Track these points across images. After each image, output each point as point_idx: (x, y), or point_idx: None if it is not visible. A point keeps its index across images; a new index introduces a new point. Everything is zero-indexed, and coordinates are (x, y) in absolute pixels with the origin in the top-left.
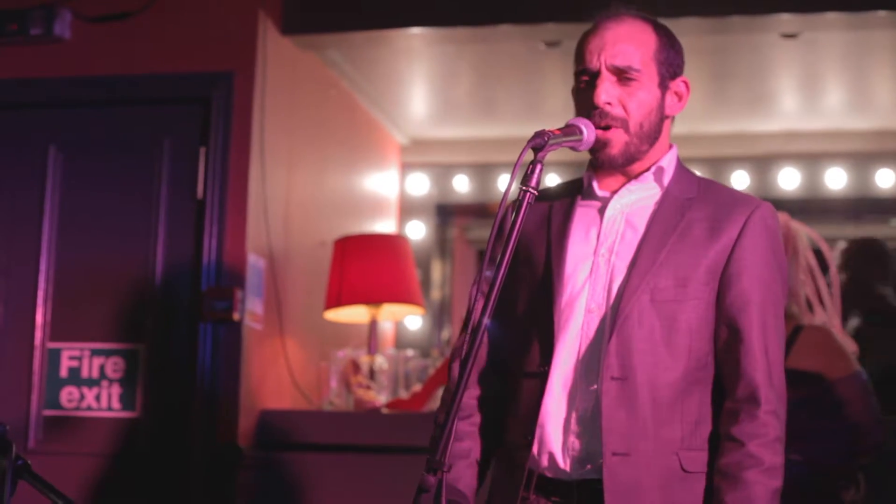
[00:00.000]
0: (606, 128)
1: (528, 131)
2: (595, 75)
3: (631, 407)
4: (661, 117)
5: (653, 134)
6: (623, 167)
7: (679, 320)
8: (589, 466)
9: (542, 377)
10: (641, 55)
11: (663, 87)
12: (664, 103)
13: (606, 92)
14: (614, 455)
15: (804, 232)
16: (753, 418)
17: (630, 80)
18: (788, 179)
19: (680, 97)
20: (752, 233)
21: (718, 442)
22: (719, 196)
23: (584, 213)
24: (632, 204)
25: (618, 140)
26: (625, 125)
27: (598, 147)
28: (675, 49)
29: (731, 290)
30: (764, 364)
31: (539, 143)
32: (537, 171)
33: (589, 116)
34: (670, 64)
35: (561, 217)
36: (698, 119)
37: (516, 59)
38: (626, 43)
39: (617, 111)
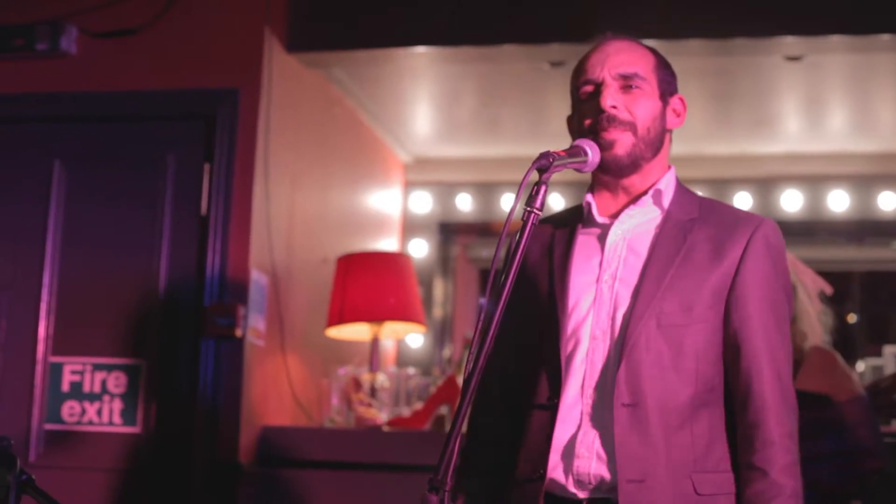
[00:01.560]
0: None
1: (532, 151)
2: (599, 84)
3: (643, 433)
4: (663, 128)
5: (657, 142)
6: (628, 172)
7: (686, 344)
8: (604, 494)
9: (552, 409)
10: (643, 66)
11: (664, 100)
12: (665, 115)
13: (612, 97)
14: (629, 482)
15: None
16: (771, 444)
17: (634, 87)
18: (791, 201)
19: (678, 114)
20: (756, 252)
21: (732, 464)
22: (721, 215)
23: (585, 242)
24: (633, 229)
25: (625, 141)
26: (632, 128)
27: (603, 147)
28: (670, 70)
29: (737, 313)
30: (776, 386)
31: (544, 164)
32: (542, 192)
33: (595, 122)
34: (668, 81)
35: (563, 247)
36: (701, 140)
37: (520, 78)
38: (629, 54)
39: (623, 115)
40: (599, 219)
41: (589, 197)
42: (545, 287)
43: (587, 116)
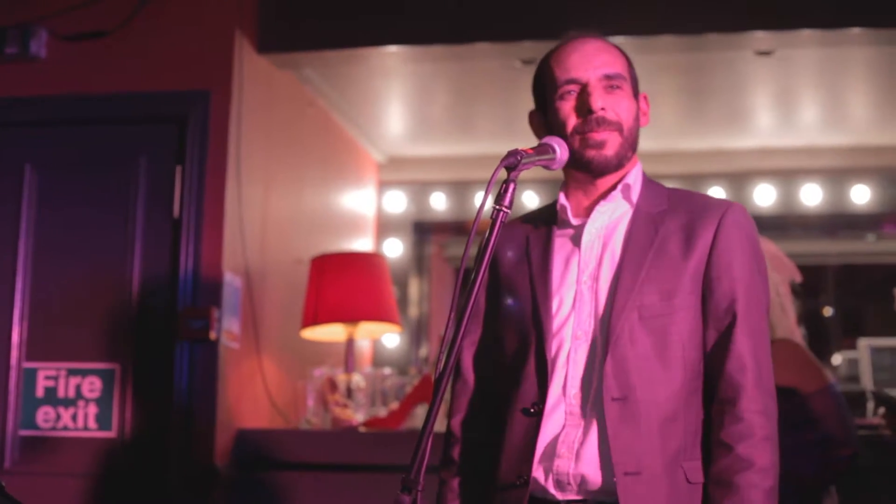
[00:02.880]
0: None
1: (505, 148)
2: (585, 85)
3: (635, 425)
4: (638, 126)
5: (635, 141)
6: (611, 171)
7: (670, 333)
8: (600, 489)
9: (537, 414)
10: (622, 65)
11: (636, 99)
12: (639, 114)
13: (601, 98)
14: (626, 475)
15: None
16: (739, 420)
17: (616, 87)
18: (764, 196)
19: (644, 112)
20: (727, 235)
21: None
22: (690, 203)
23: (562, 244)
24: (605, 226)
25: (613, 141)
26: (619, 129)
27: (593, 147)
28: (634, 69)
29: (714, 294)
30: (751, 363)
31: (512, 162)
32: (511, 190)
33: (583, 123)
34: (636, 80)
35: (540, 250)
36: (674, 136)
37: (492, 76)
38: (608, 54)
39: (611, 116)
40: (573, 220)
41: (562, 198)
42: (526, 292)
43: (572, 116)
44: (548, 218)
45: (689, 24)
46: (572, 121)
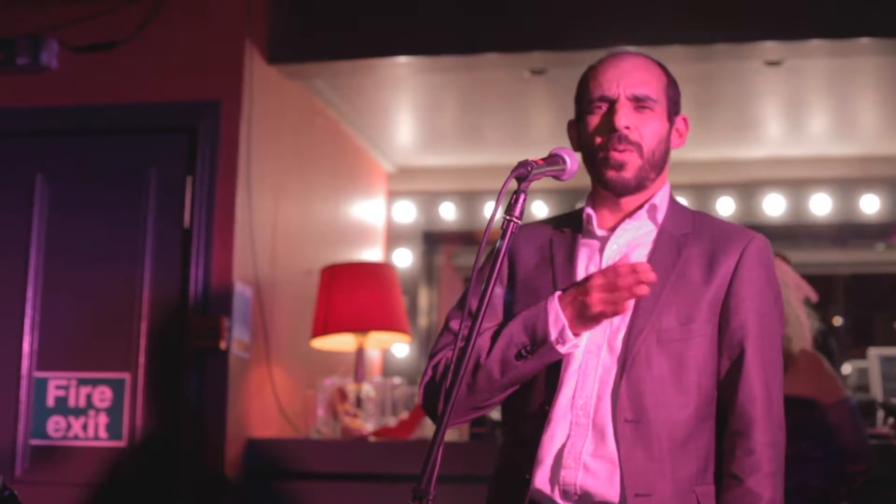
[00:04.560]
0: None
1: (514, 158)
2: (613, 102)
3: (647, 448)
4: (667, 149)
5: (660, 164)
6: (632, 192)
7: (687, 358)
8: None
9: (543, 417)
10: (656, 87)
11: (670, 121)
12: (670, 136)
13: (626, 117)
14: (637, 496)
15: (791, 280)
16: (750, 453)
17: (646, 108)
18: (773, 206)
19: (681, 134)
20: (748, 266)
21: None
22: (713, 230)
23: (586, 253)
24: (629, 243)
25: (633, 163)
26: (640, 150)
27: (613, 168)
28: (677, 88)
29: (731, 324)
30: (762, 395)
31: (522, 172)
32: (521, 200)
33: (606, 140)
34: (675, 101)
35: (564, 255)
36: (683, 146)
37: (502, 87)
38: (644, 73)
39: (634, 136)
40: (599, 231)
41: (589, 209)
42: (548, 292)
43: (599, 133)
44: (573, 224)
45: (698, 35)
46: (598, 137)
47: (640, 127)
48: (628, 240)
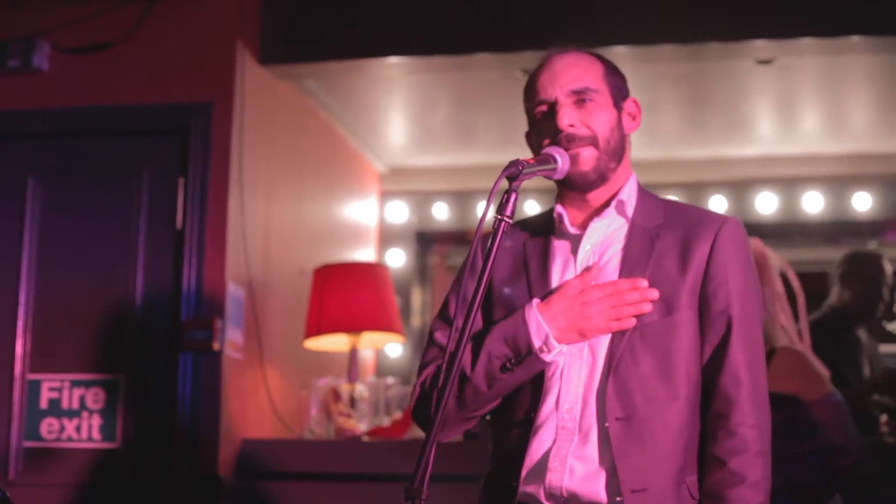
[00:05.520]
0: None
1: (507, 158)
2: (553, 103)
3: (640, 444)
4: (622, 135)
5: (618, 151)
6: (595, 186)
7: (672, 350)
8: None
9: (529, 423)
10: (594, 77)
11: (618, 107)
12: (622, 122)
13: (568, 115)
14: (633, 492)
15: (775, 258)
16: (732, 434)
17: (587, 101)
18: (766, 204)
19: (633, 117)
20: (723, 249)
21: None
22: (685, 217)
23: (560, 255)
24: (601, 243)
25: (588, 157)
26: (594, 142)
27: (569, 167)
28: (619, 74)
29: (710, 308)
30: (746, 376)
31: (513, 172)
32: (512, 199)
33: (553, 143)
34: (619, 87)
35: (538, 261)
36: (675, 144)
37: (494, 87)
38: (577, 69)
39: (582, 131)
40: (571, 229)
41: (559, 208)
42: (524, 302)
43: (545, 136)
44: (545, 227)
45: (690, 34)
46: (546, 140)
47: (586, 120)
48: (600, 238)
